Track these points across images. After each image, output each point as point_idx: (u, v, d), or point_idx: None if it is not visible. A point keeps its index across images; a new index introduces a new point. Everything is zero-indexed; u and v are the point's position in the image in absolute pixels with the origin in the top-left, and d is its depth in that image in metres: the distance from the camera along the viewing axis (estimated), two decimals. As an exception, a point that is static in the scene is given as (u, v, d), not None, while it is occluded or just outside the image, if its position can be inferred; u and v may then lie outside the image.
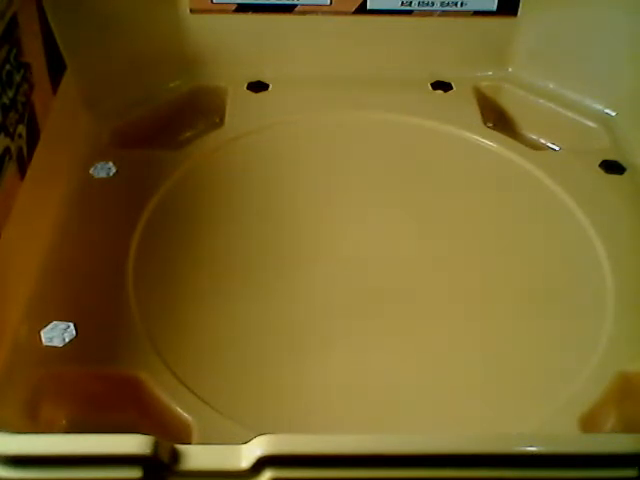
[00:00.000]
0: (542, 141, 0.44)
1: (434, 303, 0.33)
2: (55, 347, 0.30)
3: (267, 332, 0.31)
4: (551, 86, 0.45)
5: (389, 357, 0.31)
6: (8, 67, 0.33)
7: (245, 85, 0.44)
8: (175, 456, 0.20)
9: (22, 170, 0.34)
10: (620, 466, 0.20)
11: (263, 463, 0.20)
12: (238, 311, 0.32)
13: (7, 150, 0.32)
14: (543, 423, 0.28)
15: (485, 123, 0.42)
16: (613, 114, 0.43)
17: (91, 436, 0.20)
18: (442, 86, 0.45)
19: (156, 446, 0.20)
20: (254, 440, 0.20)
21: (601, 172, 0.39)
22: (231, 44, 0.44)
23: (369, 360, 0.31)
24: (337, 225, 0.36)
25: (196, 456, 0.20)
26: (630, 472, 0.20)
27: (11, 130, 0.33)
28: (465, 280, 0.34)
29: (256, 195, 0.38)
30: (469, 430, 0.28)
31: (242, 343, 0.31)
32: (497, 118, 0.45)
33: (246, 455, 0.20)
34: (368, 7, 0.43)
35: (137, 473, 0.20)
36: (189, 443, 0.27)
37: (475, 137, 0.41)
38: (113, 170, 0.38)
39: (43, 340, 0.30)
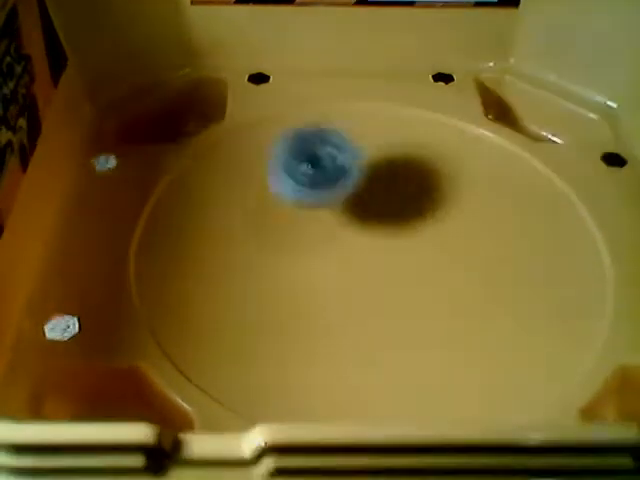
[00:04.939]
0: (543, 133, 0.44)
1: (434, 297, 0.33)
2: (58, 341, 0.30)
3: (268, 323, 0.31)
4: (552, 78, 0.44)
5: (390, 352, 0.31)
6: (8, 59, 0.33)
7: (246, 77, 0.44)
8: (177, 445, 0.20)
9: (24, 163, 0.34)
10: (613, 454, 0.20)
11: (264, 451, 0.20)
12: (238, 303, 0.32)
13: (9, 143, 0.32)
14: (543, 416, 0.28)
15: (486, 115, 0.42)
16: (614, 106, 0.43)
17: (95, 424, 0.20)
18: (443, 78, 0.45)
19: (159, 434, 0.20)
20: (255, 429, 0.20)
21: (602, 165, 0.39)
22: (232, 36, 0.44)
23: (371, 353, 0.31)
24: (336, 214, 0.36)
25: (198, 445, 0.20)
26: (623, 460, 0.20)
27: (12, 123, 0.33)
28: (464, 272, 0.34)
29: (257, 187, 0.38)
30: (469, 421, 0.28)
31: (243, 335, 0.31)
32: (498, 110, 0.45)
33: (248, 444, 0.20)
34: (369, -2, 0.43)
35: (140, 461, 0.20)
36: (191, 433, 0.27)
37: (476, 129, 0.41)
38: (114, 163, 0.38)
39: (46, 334, 0.30)
